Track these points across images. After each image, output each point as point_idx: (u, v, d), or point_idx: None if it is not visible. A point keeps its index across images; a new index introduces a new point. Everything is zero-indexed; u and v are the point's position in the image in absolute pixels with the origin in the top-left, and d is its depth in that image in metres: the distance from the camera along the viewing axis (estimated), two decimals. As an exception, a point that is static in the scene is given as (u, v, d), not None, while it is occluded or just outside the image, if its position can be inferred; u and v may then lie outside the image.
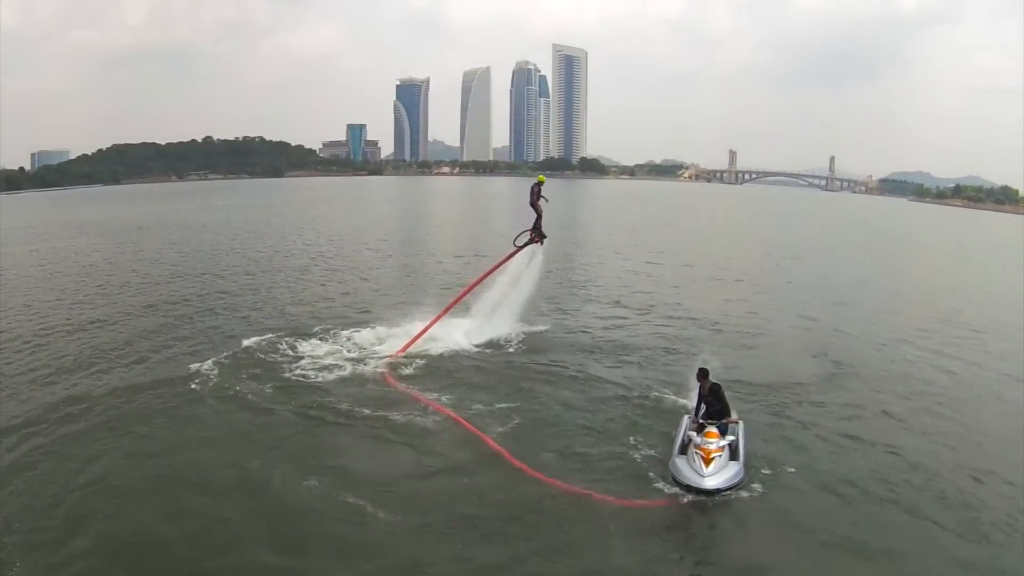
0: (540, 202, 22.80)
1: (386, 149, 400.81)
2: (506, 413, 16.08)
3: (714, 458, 12.51)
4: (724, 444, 12.83)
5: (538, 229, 23.00)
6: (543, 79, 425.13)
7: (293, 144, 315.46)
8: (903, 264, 52.25)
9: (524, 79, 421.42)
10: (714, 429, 13.08)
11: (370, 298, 29.79)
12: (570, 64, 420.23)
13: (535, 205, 22.83)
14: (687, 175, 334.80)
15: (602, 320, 25.87)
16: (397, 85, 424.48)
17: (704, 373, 14.34)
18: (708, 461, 12.48)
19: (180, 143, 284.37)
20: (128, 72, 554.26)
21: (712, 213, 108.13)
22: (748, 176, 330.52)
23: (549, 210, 23.21)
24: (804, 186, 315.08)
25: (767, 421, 15.95)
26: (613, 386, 18.20)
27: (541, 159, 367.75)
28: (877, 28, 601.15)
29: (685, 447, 13.16)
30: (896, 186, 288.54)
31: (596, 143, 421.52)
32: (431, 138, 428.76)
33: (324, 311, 26.55)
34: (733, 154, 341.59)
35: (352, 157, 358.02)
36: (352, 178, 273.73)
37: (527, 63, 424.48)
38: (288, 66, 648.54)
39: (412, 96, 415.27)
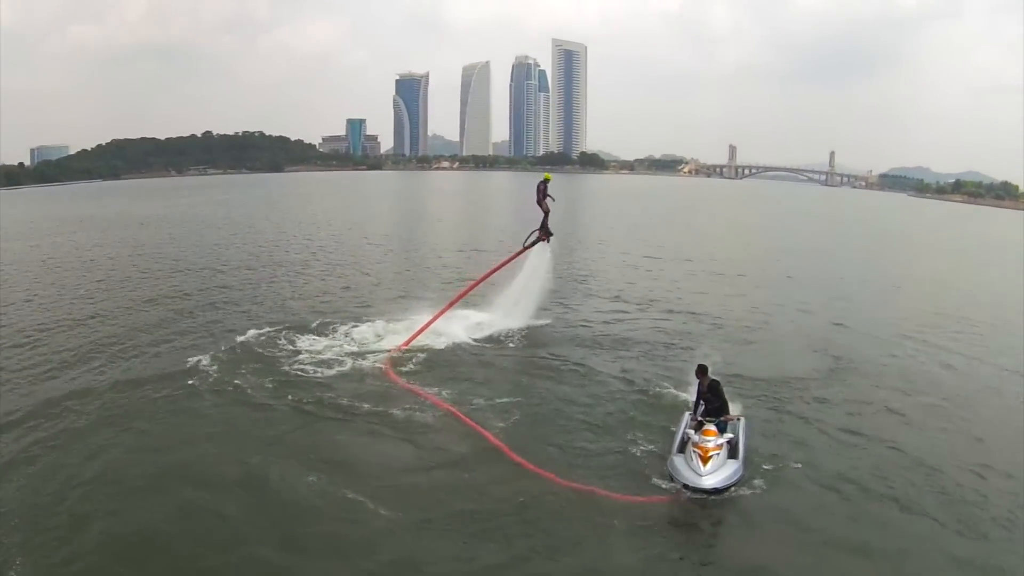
0: (547, 201, 22.78)
1: (386, 144, 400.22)
2: (507, 408, 16.13)
3: (712, 456, 12.38)
4: (722, 442, 12.69)
5: (545, 228, 23.00)
6: (543, 74, 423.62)
7: (293, 139, 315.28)
8: (903, 259, 52.14)
9: (524, 74, 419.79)
10: (712, 427, 12.95)
11: (370, 293, 29.81)
12: (570, 59, 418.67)
13: (541, 204, 22.82)
14: (687, 170, 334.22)
15: (603, 314, 25.91)
16: (397, 80, 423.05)
17: (703, 370, 14.14)
18: (706, 460, 12.36)
19: (179, 138, 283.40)
20: (127, 68, 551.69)
21: (712, 209, 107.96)
22: (748, 171, 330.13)
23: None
24: (804, 181, 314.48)
25: (767, 417, 15.95)
26: (614, 381, 18.26)
27: (541, 154, 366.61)
28: (877, 24, 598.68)
29: (684, 445, 13.04)
30: (896, 181, 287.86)
31: (596, 138, 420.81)
32: (431, 133, 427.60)
33: (324, 306, 26.56)
34: (733, 149, 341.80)
35: (352, 152, 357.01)
36: (352, 173, 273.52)
37: (527, 58, 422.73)
38: (287, 62, 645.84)
39: (412, 91, 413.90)
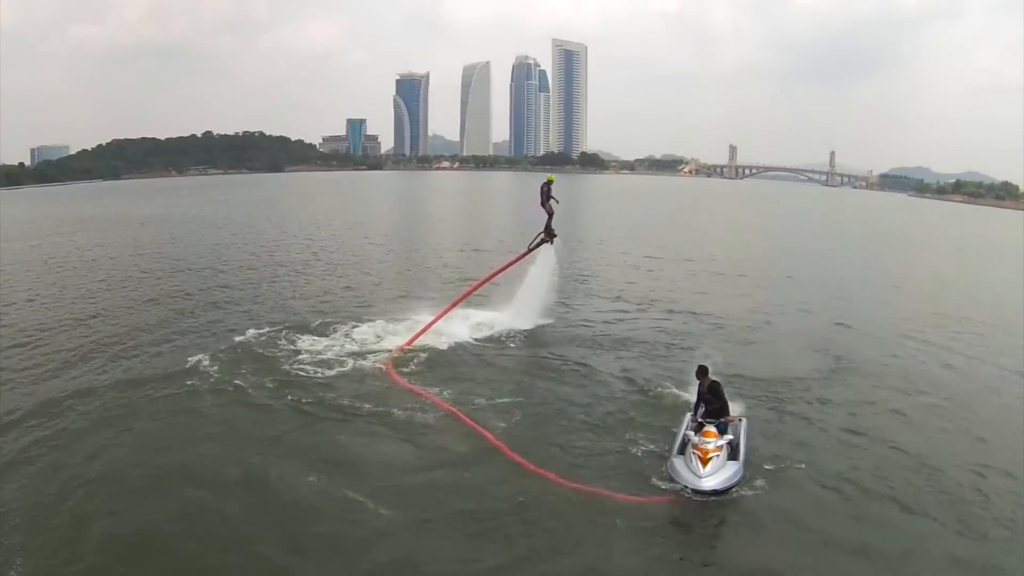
0: (550, 203, 22.75)
1: (386, 144, 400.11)
2: (508, 408, 16.15)
3: (711, 458, 12.33)
4: (722, 443, 12.65)
5: (548, 229, 22.99)
6: (543, 74, 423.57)
7: (293, 139, 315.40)
8: (903, 259, 52.13)
9: (524, 74, 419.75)
10: (712, 428, 12.92)
11: (371, 292, 29.84)
12: (570, 59, 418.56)
13: (545, 206, 22.77)
14: (687, 170, 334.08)
15: (603, 314, 25.93)
16: (397, 80, 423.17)
17: (703, 371, 14.06)
18: (705, 461, 12.31)
19: (180, 138, 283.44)
20: (127, 68, 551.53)
21: (712, 209, 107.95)
22: (748, 171, 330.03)
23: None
24: (804, 181, 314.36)
25: (768, 417, 15.94)
26: (615, 381, 18.28)
27: (541, 154, 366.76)
28: (877, 24, 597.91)
29: (684, 447, 12.99)
30: (896, 181, 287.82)
31: (596, 138, 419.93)
32: (431, 133, 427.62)
33: (325, 305, 26.59)
34: (733, 149, 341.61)
35: (352, 152, 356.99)
36: (352, 173, 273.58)
37: (527, 58, 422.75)
38: (287, 62, 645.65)
39: (412, 91, 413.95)
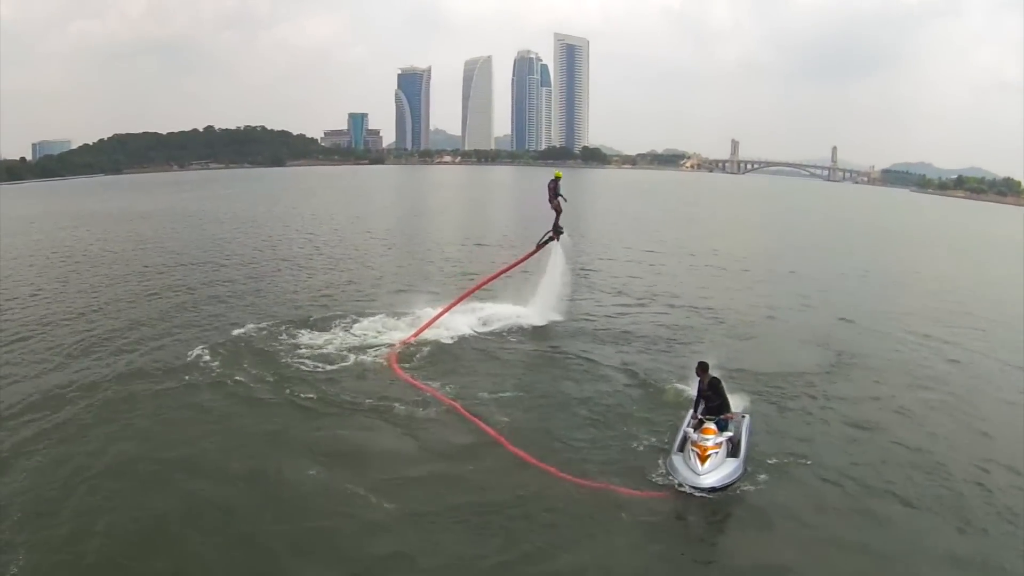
0: (559, 200, 22.65)
1: (388, 138, 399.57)
2: (510, 402, 16.25)
3: (710, 455, 12.30)
4: (721, 440, 12.60)
5: (556, 226, 22.99)
6: (545, 68, 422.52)
7: (295, 133, 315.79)
8: (905, 255, 52.06)
9: (526, 68, 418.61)
10: (712, 425, 12.88)
11: (373, 286, 29.89)
12: (572, 53, 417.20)
13: (553, 203, 22.68)
14: (689, 165, 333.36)
15: (606, 308, 25.97)
16: (399, 74, 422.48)
17: (703, 367, 14.00)
18: (704, 458, 12.29)
19: (181, 133, 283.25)
20: (129, 65, 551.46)
21: (714, 204, 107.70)
22: (750, 166, 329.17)
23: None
24: (806, 176, 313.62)
25: (769, 413, 15.94)
26: (617, 375, 18.36)
27: (543, 148, 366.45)
28: (878, 21, 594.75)
29: (684, 444, 12.97)
30: (898, 177, 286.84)
31: (598, 133, 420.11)
32: (433, 127, 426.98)
33: (328, 299, 26.70)
34: (735, 144, 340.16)
35: (354, 146, 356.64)
36: (354, 167, 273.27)
37: (529, 52, 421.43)
38: (289, 58, 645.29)
39: (414, 85, 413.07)
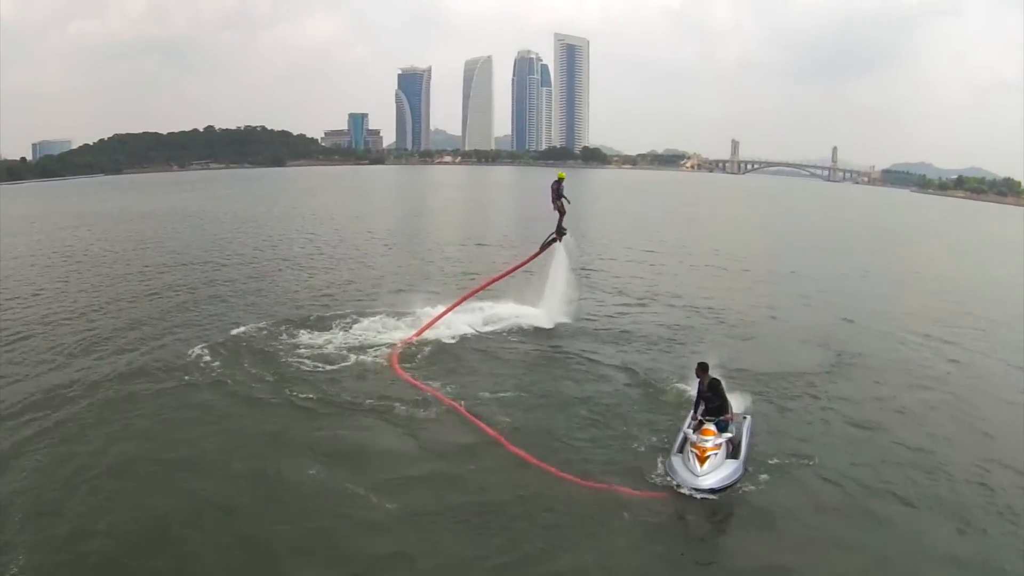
0: (562, 202, 22.60)
1: (388, 138, 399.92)
2: (511, 402, 16.29)
3: (709, 456, 12.28)
4: (721, 441, 12.58)
5: (559, 228, 22.98)
6: (545, 68, 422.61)
7: (295, 133, 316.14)
8: (906, 255, 52.09)
9: (526, 68, 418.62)
10: (711, 426, 12.89)
11: (375, 286, 29.90)
12: (572, 53, 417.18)
13: (556, 204, 22.62)
14: (689, 165, 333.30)
15: (607, 308, 25.93)
16: (399, 74, 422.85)
17: (703, 368, 13.93)
18: (703, 460, 12.26)
19: (182, 133, 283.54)
20: (129, 65, 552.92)
21: (714, 204, 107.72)
22: (750, 166, 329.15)
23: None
24: (806, 176, 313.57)
25: (770, 413, 15.94)
26: (619, 375, 18.38)
27: (543, 148, 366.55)
28: (878, 21, 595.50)
29: (684, 445, 12.96)
30: (899, 177, 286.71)
31: (598, 133, 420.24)
32: (433, 127, 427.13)
33: (328, 299, 26.74)
34: (735, 144, 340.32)
35: (354, 146, 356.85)
36: (354, 167, 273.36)
37: (529, 52, 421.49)
38: (289, 57, 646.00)
39: (414, 85, 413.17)
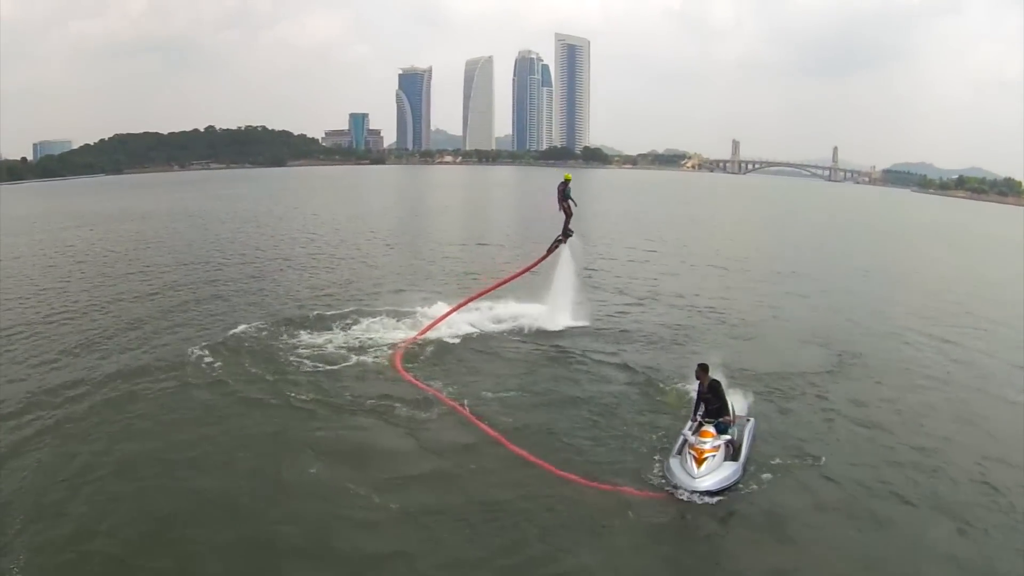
0: (568, 203, 22.50)
1: (389, 138, 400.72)
2: (512, 402, 16.27)
3: (707, 458, 12.20)
4: (719, 443, 12.50)
5: (565, 230, 22.96)
6: (545, 68, 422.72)
7: (296, 133, 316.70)
8: (906, 255, 52.09)
9: (527, 68, 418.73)
10: (710, 428, 12.84)
11: (376, 286, 29.90)
12: (573, 53, 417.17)
13: (563, 205, 22.55)
14: (690, 165, 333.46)
15: (608, 308, 25.79)
16: (400, 74, 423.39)
17: (704, 369, 13.84)
18: (700, 461, 12.19)
19: (182, 133, 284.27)
20: (129, 64, 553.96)
21: (715, 204, 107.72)
22: (751, 166, 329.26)
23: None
24: (807, 176, 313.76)
25: (772, 413, 15.87)
26: (620, 375, 18.34)
27: (544, 148, 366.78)
28: (878, 21, 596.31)
29: (682, 447, 12.89)
30: (899, 177, 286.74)
31: (599, 133, 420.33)
32: (434, 127, 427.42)
33: (329, 299, 26.72)
34: (736, 144, 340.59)
35: (355, 146, 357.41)
36: (355, 167, 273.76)
37: (530, 52, 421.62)
38: (290, 57, 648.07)
39: (415, 85, 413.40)
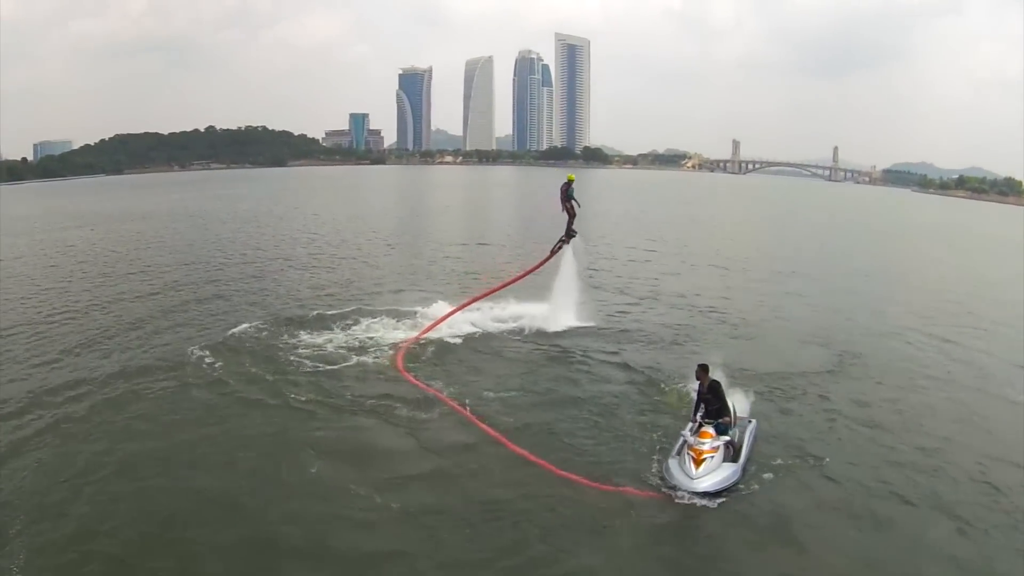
0: (572, 204, 22.49)
1: (389, 138, 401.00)
2: (513, 402, 16.29)
3: (705, 459, 12.19)
4: (718, 444, 12.48)
5: (568, 231, 22.96)
6: (546, 68, 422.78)
7: (296, 133, 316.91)
8: (907, 255, 52.09)
9: (527, 68, 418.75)
10: (709, 429, 12.82)
11: (377, 286, 29.92)
12: (573, 53, 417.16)
13: (566, 206, 22.54)
14: (690, 165, 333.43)
15: (609, 308, 25.77)
16: (400, 74, 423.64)
17: (704, 369, 13.84)
18: (699, 462, 12.18)
19: (183, 133, 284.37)
20: (129, 63, 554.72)
21: (716, 204, 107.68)
22: (751, 166, 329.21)
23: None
24: (807, 176, 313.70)
25: (771, 413, 15.86)
26: (621, 376, 18.34)
27: (544, 148, 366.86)
28: (878, 21, 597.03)
29: (682, 448, 12.89)
30: (899, 177, 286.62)
31: (599, 133, 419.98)
32: (434, 127, 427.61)
33: (331, 298, 26.75)
34: (736, 144, 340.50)
35: (355, 146, 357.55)
36: (355, 167, 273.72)
37: (530, 52, 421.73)
38: (290, 57, 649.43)
39: (415, 85, 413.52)
